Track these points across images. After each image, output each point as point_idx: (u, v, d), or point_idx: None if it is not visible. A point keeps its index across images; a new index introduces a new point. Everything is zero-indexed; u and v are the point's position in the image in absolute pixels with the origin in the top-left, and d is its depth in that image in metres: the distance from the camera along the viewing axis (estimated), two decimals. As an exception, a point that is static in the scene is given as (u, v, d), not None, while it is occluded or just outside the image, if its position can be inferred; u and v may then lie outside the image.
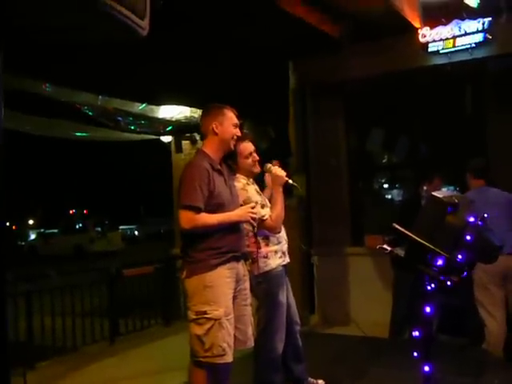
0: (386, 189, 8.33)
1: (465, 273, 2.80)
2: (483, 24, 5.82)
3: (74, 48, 3.81)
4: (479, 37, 5.85)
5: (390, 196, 8.28)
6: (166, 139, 7.93)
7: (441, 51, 6.07)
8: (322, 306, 7.16)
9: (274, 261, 3.90)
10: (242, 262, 3.50)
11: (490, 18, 5.79)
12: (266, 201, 3.98)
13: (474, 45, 5.89)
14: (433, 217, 2.85)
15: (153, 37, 2.76)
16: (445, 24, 6.02)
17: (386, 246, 3.04)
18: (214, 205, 3.35)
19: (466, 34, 5.90)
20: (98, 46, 3.68)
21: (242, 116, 3.79)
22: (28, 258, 24.90)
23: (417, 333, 2.90)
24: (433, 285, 2.80)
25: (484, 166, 5.13)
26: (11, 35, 2.28)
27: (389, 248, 3.03)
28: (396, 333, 5.76)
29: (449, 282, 2.76)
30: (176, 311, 7.16)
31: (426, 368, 2.85)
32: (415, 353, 2.90)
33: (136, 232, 37.64)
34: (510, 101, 6.24)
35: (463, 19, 5.92)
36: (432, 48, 6.11)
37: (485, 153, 6.21)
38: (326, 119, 7.33)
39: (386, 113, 7.21)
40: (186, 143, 7.70)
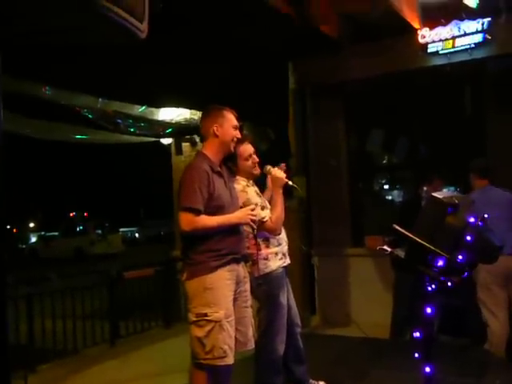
0: (386, 189, 8.33)
1: (465, 273, 2.80)
2: (482, 24, 5.83)
3: (73, 50, 3.81)
4: (478, 37, 5.86)
5: (390, 197, 8.28)
6: (166, 141, 7.92)
7: (440, 52, 6.08)
8: (322, 307, 7.16)
9: (274, 262, 3.90)
10: (242, 263, 3.49)
11: (489, 19, 5.80)
12: (266, 202, 3.97)
13: (473, 45, 5.90)
14: (433, 217, 2.84)
15: (152, 39, 2.76)
16: (444, 24, 6.03)
17: (386, 247, 3.04)
18: (214, 207, 3.34)
19: (466, 34, 5.92)
20: (98, 48, 3.68)
21: (242, 117, 3.78)
22: (29, 260, 24.95)
23: (418, 333, 2.90)
24: (433, 285, 2.80)
25: (488, 165, 5.13)
26: (11, 37, 2.28)
27: (389, 249, 3.03)
28: (397, 334, 5.75)
29: (449, 283, 2.76)
30: (176, 313, 7.16)
31: (427, 369, 2.85)
32: (416, 354, 2.90)
33: (136, 234, 37.77)
34: (509, 101, 6.25)
35: (462, 20, 5.93)
36: (431, 48, 6.12)
37: (484, 153, 6.22)
38: (326, 120, 7.33)
39: (385, 113, 7.21)
40: (185, 145, 7.70)
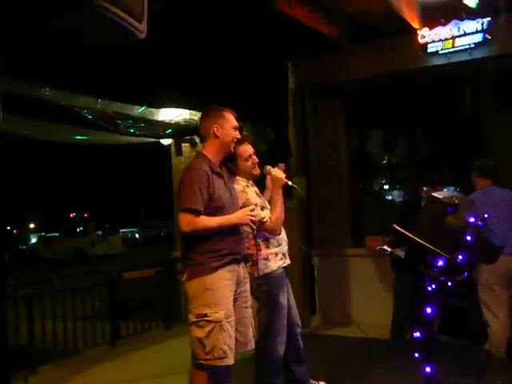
0: (386, 189, 8.32)
1: (465, 273, 2.79)
2: (482, 24, 5.82)
3: (73, 51, 3.81)
4: (478, 37, 5.85)
5: (390, 197, 8.27)
6: (166, 142, 7.92)
7: (440, 52, 6.07)
8: (322, 307, 7.15)
9: (274, 263, 3.89)
10: (242, 264, 3.49)
11: (489, 18, 5.79)
12: (266, 203, 3.97)
13: (473, 45, 5.89)
14: (433, 217, 2.84)
15: (151, 40, 2.75)
16: (444, 24, 6.02)
17: (386, 247, 3.04)
18: (214, 207, 3.34)
19: (465, 34, 5.90)
20: (97, 49, 3.67)
21: (242, 118, 3.78)
22: (29, 261, 24.94)
23: (418, 334, 2.89)
24: (433, 285, 2.80)
25: (491, 165, 5.12)
26: (8, 38, 2.27)
27: (389, 249, 3.03)
28: (397, 334, 5.75)
29: (449, 283, 2.75)
30: (177, 314, 7.16)
31: (428, 369, 2.84)
32: (416, 354, 2.89)
33: (137, 235, 37.73)
34: (509, 101, 6.24)
35: (462, 19, 5.92)
36: (431, 48, 6.11)
37: (484, 153, 6.21)
38: (326, 120, 7.33)
39: (385, 113, 7.21)
40: (185, 146, 7.69)
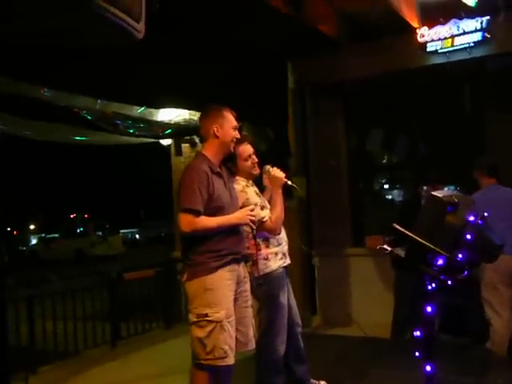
0: (386, 189, 8.32)
1: (465, 272, 2.79)
2: (481, 23, 5.82)
3: (71, 52, 3.80)
4: (478, 36, 5.85)
5: (390, 196, 8.27)
6: (166, 142, 7.91)
7: (439, 51, 6.08)
8: (323, 307, 7.15)
9: (274, 262, 3.89)
10: (242, 264, 3.49)
11: (488, 17, 5.79)
12: (266, 202, 3.97)
13: (472, 44, 5.90)
14: (433, 216, 2.84)
15: (150, 40, 2.75)
16: (443, 23, 6.02)
17: (386, 247, 3.04)
18: (214, 208, 3.34)
19: (465, 33, 5.91)
20: (96, 49, 3.67)
21: (241, 117, 3.78)
22: (29, 262, 25.01)
23: (418, 333, 2.89)
24: (433, 284, 2.80)
25: (495, 163, 5.10)
26: (8, 38, 2.27)
27: (389, 248, 3.03)
28: (398, 333, 5.75)
29: (449, 282, 2.75)
30: (177, 314, 7.15)
31: (428, 368, 2.84)
32: (417, 353, 2.89)
33: (137, 236, 37.71)
34: (508, 100, 6.24)
35: (461, 18, 5.92)
36: (430, 47, 6.11)
37: (484, 152, 6.21)
38: (326, 119, 7.33)
39: (385, 113, 7.21)
40: (185, 146, 7.68)
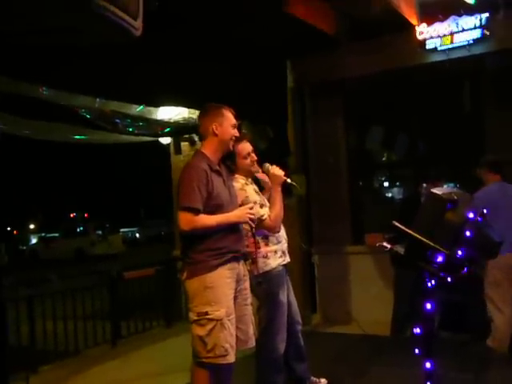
0: (385, 187, 8.31)
1: (465, 269, 2.79)
2: (480, 20, 5.81)
3: (70, 51, 3.81)
4: (477, 33, 5.85)
5: (389, 194, 8.27)
6: (165, 141, 7.91)
7: (438, 48, 6.07)
8: (323, 305, 7.16)
9: (274, 260, 3.89)
10: (242, 262, 3.49)
11: (487, 14, 5.79)
12: (265, 200, 3.97)
13: (471, 41, 5.89)
14: (432, 214, 2.84)
15: (149, 38, 2.75)
16: (442, 20, 6.01)
17: (385, 244, 3.04)
18: (213, 206, 3.34)
19: (464, 30, 5.90)
20: (95, 48, 3.67)
21: (240, 116, 3.78)
22: (29, 262, 25.05)
23: (418, 330, 2.89)
24: (433, 281, 2.80)
25: (499, 160, 5.11)
26: (8, 37, 2.28)
27: (389, 246, 3.03)
28: (397, 331, 5.75)
29: (449, 279, 2.75)
30: (177, 313, 7.16)
31: (428, 365, 2.84)
32: (417, 350, 2.89)
33: (137, 234, 37.71)
34: (508, 97, 6.23)
35: (460, 15, 5.92)
36: (430, 45, 6.11)
37: (483, 149, 6.20)
38: (325, 118, 7.33)
39: (384, 111, 7.20)
40: (184, 144, 7.68)
